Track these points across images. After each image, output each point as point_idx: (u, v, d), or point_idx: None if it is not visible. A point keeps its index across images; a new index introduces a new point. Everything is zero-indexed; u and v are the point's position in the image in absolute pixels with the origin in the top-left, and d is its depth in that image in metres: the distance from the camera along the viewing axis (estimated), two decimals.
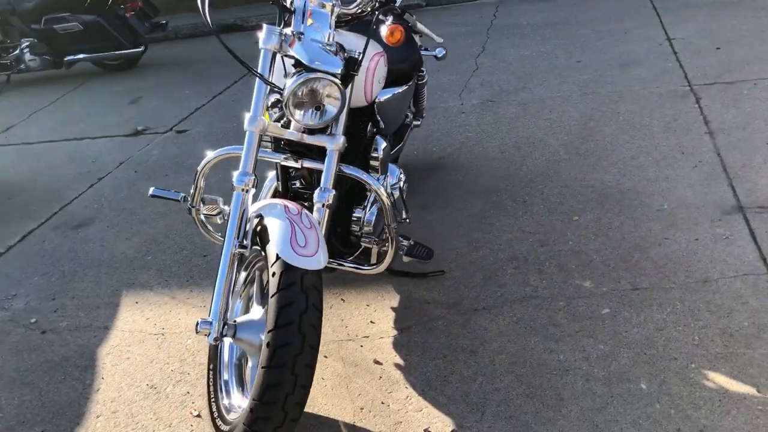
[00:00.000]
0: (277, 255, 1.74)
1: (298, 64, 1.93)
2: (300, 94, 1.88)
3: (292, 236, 1.76)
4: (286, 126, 2.05)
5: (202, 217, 2.36)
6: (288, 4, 2.01)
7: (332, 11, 2.00)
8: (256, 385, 1.70)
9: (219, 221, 2.48)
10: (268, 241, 1.82)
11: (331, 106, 1.91)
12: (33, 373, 2.51)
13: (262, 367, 1.69)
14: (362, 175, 2.11)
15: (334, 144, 2.02)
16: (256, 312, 1.97)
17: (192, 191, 2.30)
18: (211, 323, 1.88)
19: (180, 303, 2.79)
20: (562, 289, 2.46)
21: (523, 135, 3.74)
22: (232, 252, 1.91)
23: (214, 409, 2.02)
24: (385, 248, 2.33)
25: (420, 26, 2.20)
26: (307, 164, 2.10)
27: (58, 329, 2.75)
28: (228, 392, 2.06)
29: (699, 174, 3.04)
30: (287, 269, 1.73)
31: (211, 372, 2.11)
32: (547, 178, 3.23)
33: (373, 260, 2.36)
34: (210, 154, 2.23)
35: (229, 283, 1.92)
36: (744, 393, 1.91)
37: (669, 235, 2.65)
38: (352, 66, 1.92)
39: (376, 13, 2.17)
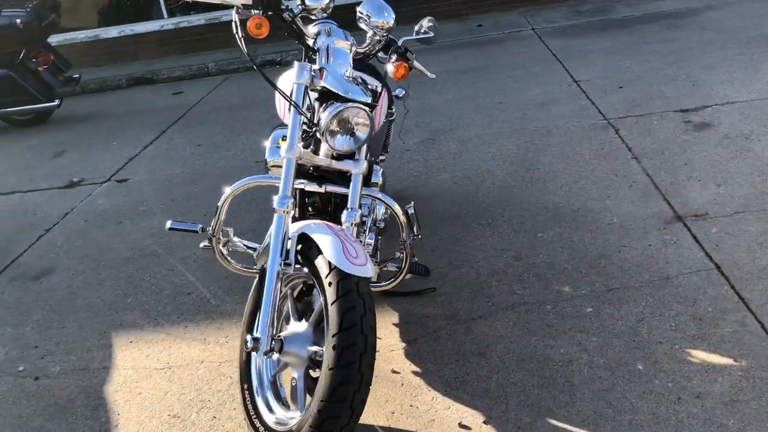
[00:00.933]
0: (332, 265, 1.90)
1: (326, 96, 2.13)
2: (335, 122, 2.07)
3: (344, 248, 1.92)
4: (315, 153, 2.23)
5: (221, 247, 2.46)
6: (311, 44, 2.21)
7: (350, 50, 2.23)
8: (323, 386, 1.83)
9: (225, 251, 2.59)
10: (313, 257, 1.98)
11: (362, 132, 2.11)
12: (38, 417, 2.47)
13: (330, 369, 1.82)
14: (381, 196, 2.31)
15: (359, 168, 2.22)
16: (299, 326, 2.10)
17: (213, 222, 2.40)
18: (259, 339, 1.99)
19: (178, 338, 2.82)
20: (546, 295, 2.74)
21: (470, 167, 4.06)
22: (277, 270, 2.04)
23: (258, 425, 2.11)
24: (385, 267, 2.54)
25: (416, 63, 2.46)
26: (330, 188, 2.28)
27: (51, 374, 2.71)
28: (270, 408, 2.15)
29: (636, 192, 3.45)
30: (343, 278, 1.89)
31: (246, 392, 2.20)
32: (503, 203, 3.55)
33: (375, 278, 2.53)
34: (233, 185, 2.34)
35: (275, 299, 2.04)
36: (724, 364, 2.24)
37: (625, 243, 3.01)
38: (375, 97, 2.15)
39: (380, 51, 2.41)
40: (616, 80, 5.29)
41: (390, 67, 2.36)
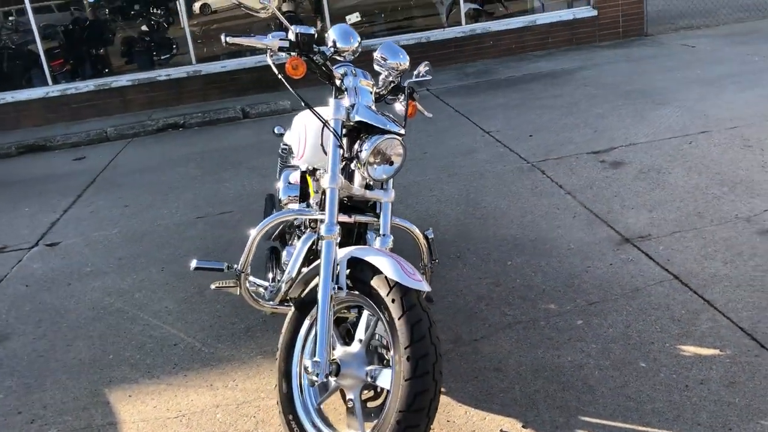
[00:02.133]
0: (393, 283, 2.01)
1: (356, 130, 2.28)
2: (375, 153, 2.21)
3: (402, 267, 2.05)
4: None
5: (248, 284, 2.48)
6: (339, 84, 2.35)
7: (372, 89, 2.41)
8: (402, 397, 1.91)
9: (236, 293, 2.62)
10: (367, 278, 2.08)
11: (397, 162, 2.27)
12: None
13: (406, 379, 1.92)
14: (403, 222, 2.46)
15: (389, 197, 2.37)
16: (350, 348, 2.17)
17: (242, 258, 2.43)
18: (319, 363, 2.05)
19: (181, 387, 2.76)
20: (535, 313, 2.96)
21: (420, 209, 4.29)
22: (330, 294, 2.12)
23: None
24: None
25: (418, 105, 2.65)
26: (359, 218, 2.40)
27: None
28: None
29: (581, 222, 3.82)
30: (405, 294, 2.01)
31: (293, 422, 2.22)
32: (464, 238, 3.79)
33: None
34: (260, 224, 2.40)
35: (330, 323, 2.11)
36: (712, 354, 2.55)
37: (589, 264, 3.32)
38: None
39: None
40: (524, 130, 5.78)
41: (400, 107, 2.55)
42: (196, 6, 10.40)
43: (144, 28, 9.82)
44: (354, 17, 9.89)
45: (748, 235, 3.40)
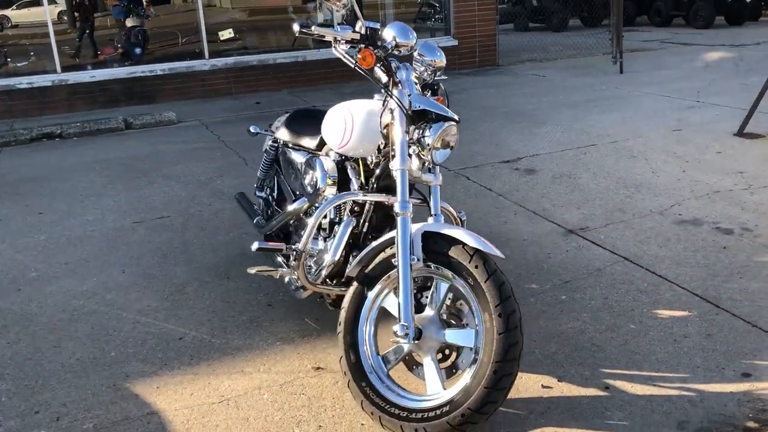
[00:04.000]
0: (475, 250, 2.25)
1: (413, 118, 2.50)
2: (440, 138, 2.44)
3: (479, 237, 2.30)
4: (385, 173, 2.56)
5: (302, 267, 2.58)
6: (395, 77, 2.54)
7: (417, 82, 2.64)
8: (496, 349, 2.15)
9: (276, 276, 2.72)
10: (443, 249, 2.30)
11: (454, 146, 2.52)
12: None
13: (500, 333, 2.16)
14: (444, 205, 2.70)
15: (438, 180, 2.60)
16: (426, 313, 2.36)
17: (303, 239, 2.54)
18: (408, 326, 2.24)
19: (212, 375, 2.76)
20: (521, 292, 3.31)
21: None
22: (410, 264, 2.30)
23: (398, 411, 2.29)
24: None
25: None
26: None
27: (86, 431, 2.45)
28: (401, 396, 2.35)
29: (523, 218, 4.27)
30: (486, 260, 2.26)
31: (368, 389, 2.37)
32: None
33: None
34: (323, 204, 2.53)
35: (412, 291, 2.30)
36: (684, 315, 3.04)
37: (549, 251, 3.76)
38: None
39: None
40: None
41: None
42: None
43: None
44: (227, 33, 9.88)
45: (667, 225, 4.03)
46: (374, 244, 2.47)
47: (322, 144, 3.05)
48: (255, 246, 2.55)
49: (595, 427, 2.35)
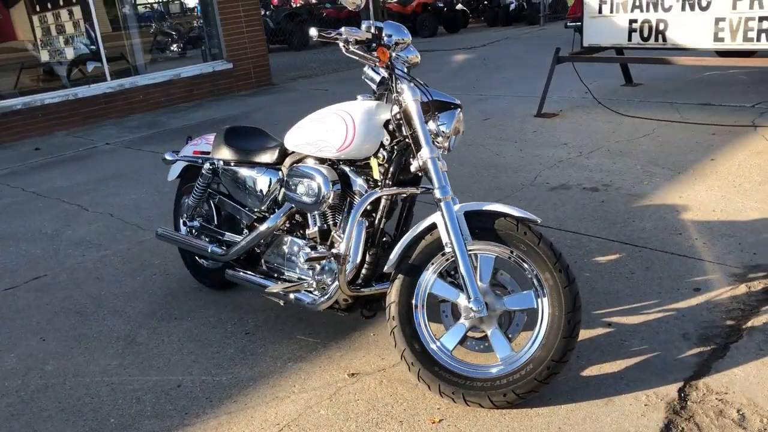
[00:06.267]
0: (518, 219, 2.45)
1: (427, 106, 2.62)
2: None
3: (514, 207, 2.50)
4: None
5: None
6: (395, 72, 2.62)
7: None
8: (566, 301, 2.38)
9: (291, 297, 2.68)
10: (488, 225, 2.47)
11: (462, 131, 2.68)
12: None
13: (565, 286, 2.39)
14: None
15: (445, 167, 2.73)
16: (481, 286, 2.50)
17: (344, 245, 2.54)
18: (479, 299, 2.39)
19: (245, 409, 2.57)
20: None
21: None
22: (464, 243, 2.43)
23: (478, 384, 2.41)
24: None
25: None
26: (413, 190, 2.70)
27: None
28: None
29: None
30: (530, 226, 2.47)
31: (441, 372, 2.46)
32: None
33: None
34: (358, 204, 2.53)
35: (472, 269, 2.42)
36: (618, 256, 3.54)
37: None
38: None
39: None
40: None
41: None
42: None
43: None
44: None
45: (545, 193, 4.58)
46: (410, 235, 2.53)
47: (283, 156, 3.01)
48: (302, 258, 2.46)
49: (631, 354, 2.69)
